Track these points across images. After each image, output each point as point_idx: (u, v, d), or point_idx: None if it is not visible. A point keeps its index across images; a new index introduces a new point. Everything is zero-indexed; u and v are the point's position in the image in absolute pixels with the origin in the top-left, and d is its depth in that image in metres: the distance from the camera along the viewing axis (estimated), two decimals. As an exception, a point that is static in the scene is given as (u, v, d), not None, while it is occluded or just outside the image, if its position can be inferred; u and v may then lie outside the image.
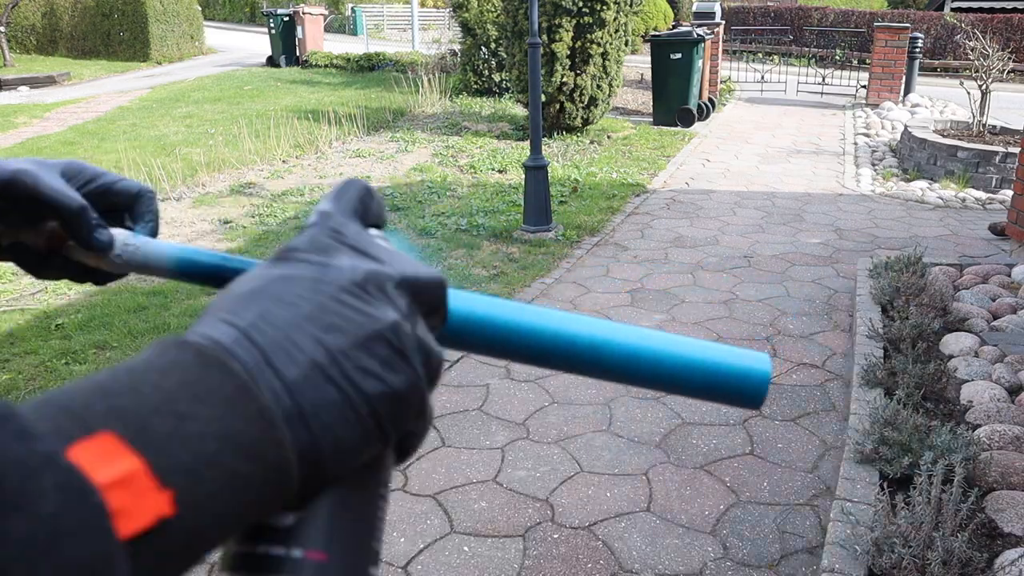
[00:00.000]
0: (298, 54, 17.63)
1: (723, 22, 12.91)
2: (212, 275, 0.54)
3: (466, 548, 2.49)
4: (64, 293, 4.71)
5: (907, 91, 11.65)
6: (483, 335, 0.41)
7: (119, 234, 0.58)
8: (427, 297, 0.34)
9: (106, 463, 0.24)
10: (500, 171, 7.79)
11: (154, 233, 0.61)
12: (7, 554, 0.21)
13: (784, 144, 9.26)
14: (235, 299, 0.31)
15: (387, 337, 0.31)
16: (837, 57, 14.24)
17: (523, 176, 5.73)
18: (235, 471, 0.26)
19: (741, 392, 0.42)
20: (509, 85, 10.79)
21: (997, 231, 5.61)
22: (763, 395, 0.42)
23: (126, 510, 0.23)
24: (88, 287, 4.77)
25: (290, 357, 0.29)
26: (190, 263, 0.55)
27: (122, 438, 0.24)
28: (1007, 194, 6.56)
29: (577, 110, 9.04)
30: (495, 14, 11.22)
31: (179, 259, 0.55)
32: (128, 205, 0.60)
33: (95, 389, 0.26)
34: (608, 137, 9.35)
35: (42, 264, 0.59)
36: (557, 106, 9.01)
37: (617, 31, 8.89)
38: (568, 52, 8.74)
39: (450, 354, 3.77)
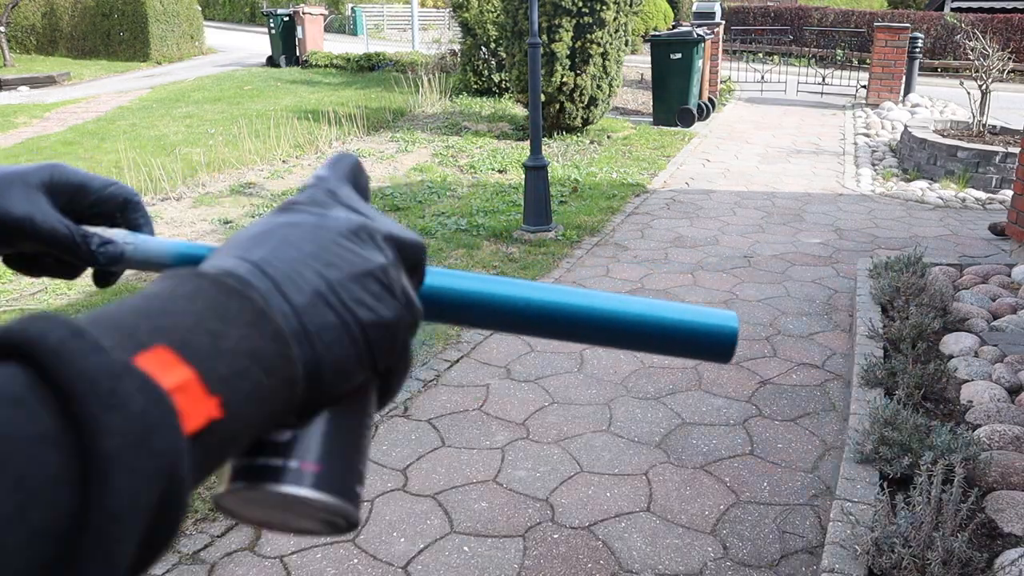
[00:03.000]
0: (298, 54, 17.63)
1: (723, 22, 12.91)
2: None
3: (466, 548, 2.49)
4: (64, 293, 4.71)
5: (907, 91, 11.65)
6: (465, 304, 0.46)
7: (120, 235, 0.58)
8: (409, 254, 0.39)
9: (166, 372, 0.28)
10: (500, 171, 7.79)
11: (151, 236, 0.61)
12: (113, 444, 0.25)
13: (784, 144, 9.26)
14: (245, 240, 0.35)
15: (377, 275, 0.35)
16: (837, 57, 14.24)
17: (523, 176, 5.73)
18: (260, 383, 0.30)
19: (712, 346, 0.46)
20: (509, 85, 10.79)
21: (997, 231, 5.61)
22: (732, 348, 0.46)
23: (185, 412, 0.27)
24: (87, 287, 4.77)
25: (296, 286, 0.33)
26: (188, 258, 0.56)
27: (174, 351, 0.28)
28: (1007, 194, 6.56)
29: (577, 110, 9.04)
30: (495, 14, 11.22)
31: (178, 254, 0.57)
32: (116, 213, 0.60)
33: (134, 311, 0.29)
34: (608, 137, 9.35)
35: (31, 268, 0.59)
36: (557, 106, 9.01)
37: (617, 31, 8.89)
38: (568, 52, 8.74)
39: (450, 355, 3.78)
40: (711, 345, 0.46)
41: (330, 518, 0.34)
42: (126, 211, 0.60)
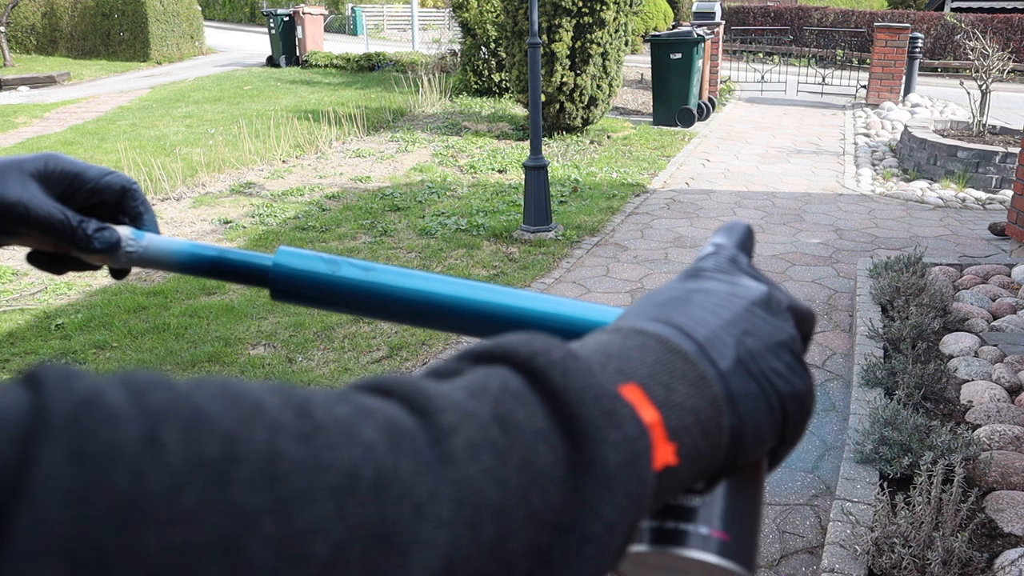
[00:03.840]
0: (298, 54, 17.62)
1: (723, 22, 12.91)
2: (215, 268, 0.57)
3: (466, 548, 2.49)
4: (64, 293, 4.71)
5: (907, 91, 11.65)
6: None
7: (124, 232, 0.58)
8: (805, 324, 0.39)
9: (641, 408, 0.29)
10: (500, 171, 7.79)
11: (154, 225, 0.62)
12: (612, 458, 0.26)
13: (784, 144, 9.26)
14: (660, 304, 0.36)
15: (791, 346, 0.35)
16: (837, 57, 14.24)
17: (523, 176, 5.73)
18: (697, 443, 0.30)
19: None
20: (509, 85, 10.79)
21: (997, 231, 5.61)
22: None
23: (656, 447, 0.28)
24: (87, 287, 4.77)
25: (720, 352, 0.33)
26: (195, 257, 0.57)
27: (644, 391, 0.29)
28: (1007, 194, 6.56)
29: (577, 110, 9.04)
30: (495, 14, 11.22)
31: (185, 254, 0.57)
32: (115, 203, 0.60)
33: (598, 351, 0.31)
34: (608, 137, 9.35)
35: (55, 265, 0.59)
36: (557, 106, 9.01)
37: (617, 31, 8.89)
38: (568, 52, 8.74)
39: (449, 355, 3.78)
40: None
41: None
42: (124, 199, 0.60)
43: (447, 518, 0.23)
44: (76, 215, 0.56)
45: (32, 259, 0.59)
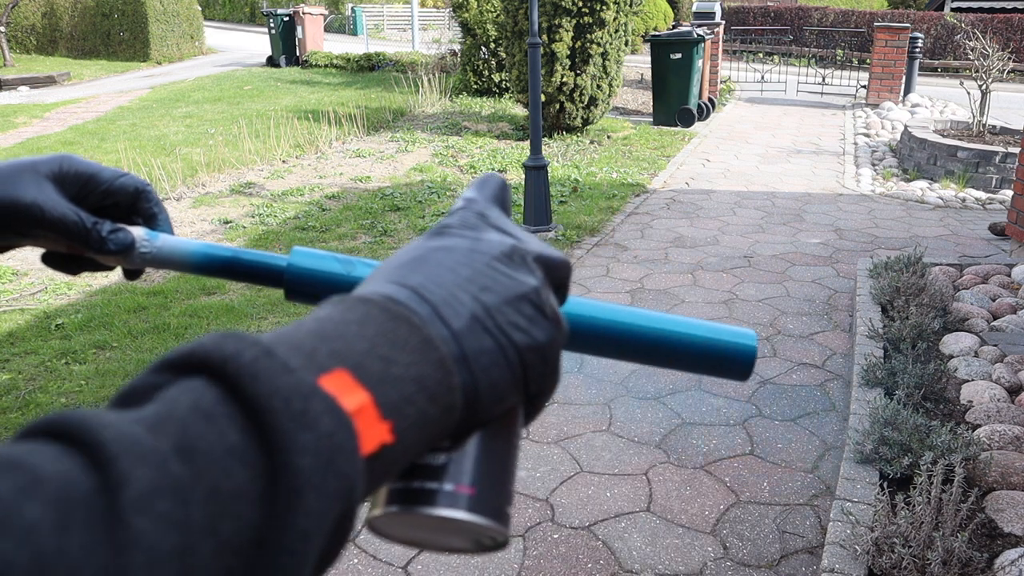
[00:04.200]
0: (298, 54, 17.63)
1: (723, 22, 12.91)
2: (229, 268, 0.58)
3: (466, 548, 2.49)
4: (64, 293, 4.71)
5: (907, 91, 11.65)
6: None
7: (138, 233, 0.59)
8: (556, 274, 0.39)
9: (346, 395, 0.28)
10: (500, 171, 7.79)
11: (168, 225, 0.62)
12: (306, 463, 0.26)
13: (784, 144, 9.26)
14: (400, 265, 0.36)
15: (531, 298, 0.35)
16: (837, 57, 14.24)
17: (523, 176, 5.73)
18: (425, 410, 0.30)
19: (730, 364, 0.46)
20: (509, 85, 10.79)
21: (997, 231, 5.61)
22: (750, 367, 0.46)
23: (363, 435, 0.28)
24: (87, 287, 4.77)
25: (455, 311, 0.33)
26: (209, 258, 0.57)
27: (352, 375, 0.29)
28: (1007, 194, 6.56)
29: (577, 110, 9.04)
30: (495, 14, 11.22)
31: (199, 254, 0.58)
32: (129, 204, 0.60)
33: (311, 334, 0.30)
34: (608, 137, 9.35)
35: (70, 266, 0.60)
36: (557, 106, 9.01)
37: (617, 31, 8.89)
38: (568, 52, 8.74)
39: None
40: (729, 363, 0.46)
41: (480, 538, 0.35)
42: (138, 200, 0.60)
43: None
44: (91, 217, 0.56)
45: (47, 260, 0.59)
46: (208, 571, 0.23)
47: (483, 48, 11.88)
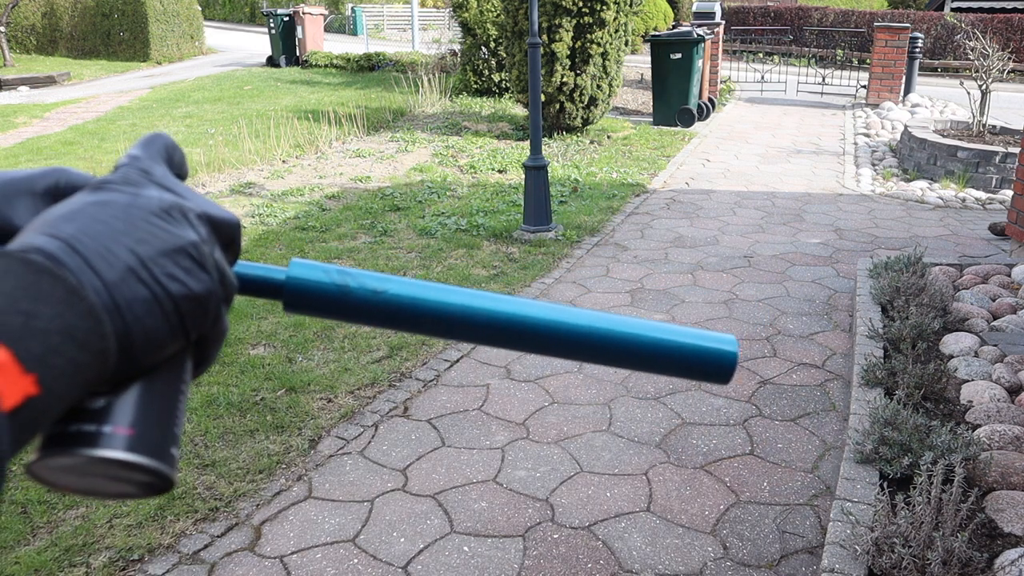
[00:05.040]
0: (298, 54, 17.63)
1: (723, 22, 12.92)
2: None
3: (466, 548, 2.49)
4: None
5: (907, 91, 11.65)
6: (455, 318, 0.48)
7: None
8: (224, 231, 0.40)
9: None
10: (500, 171, 7.79)
11: None
12: None
13: (784, 144, 9.26)
14: (55, 218, 0.36)
15: (188, 251, 0.37)
16: (837, 57, 14.24)
17: (523, 176, 5.73)
18: (74, 358, 0.31)
19: (710, 370, 0.47)
20: (509, 85, 10.79)
21: (997, 231, 5.61)
22: (730, 372, 0.46)
23: (2, 391, 0.28)
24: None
25: (107, 262, 0.34)
26: None
27: None
28: (1007, 194, 6.56)
29: (577, 110, 9.04)
30: (495, 14, 11.22)
31: None
32: None
33: None
34: (608, 137, 9.35)
35: None
36: (557, 106, 9.01)
37: (617, 31, 8.89)
38: (568, 52, 8.74)
39: (450, 355, 3.78)
40: (709, 368, 0.47)
41: (146, 480, 0.36)
42: None
43: None
44: None
45: None
46: None
47: (483, 48, 11.87)
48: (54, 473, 0.35)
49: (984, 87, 7.72)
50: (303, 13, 17.55)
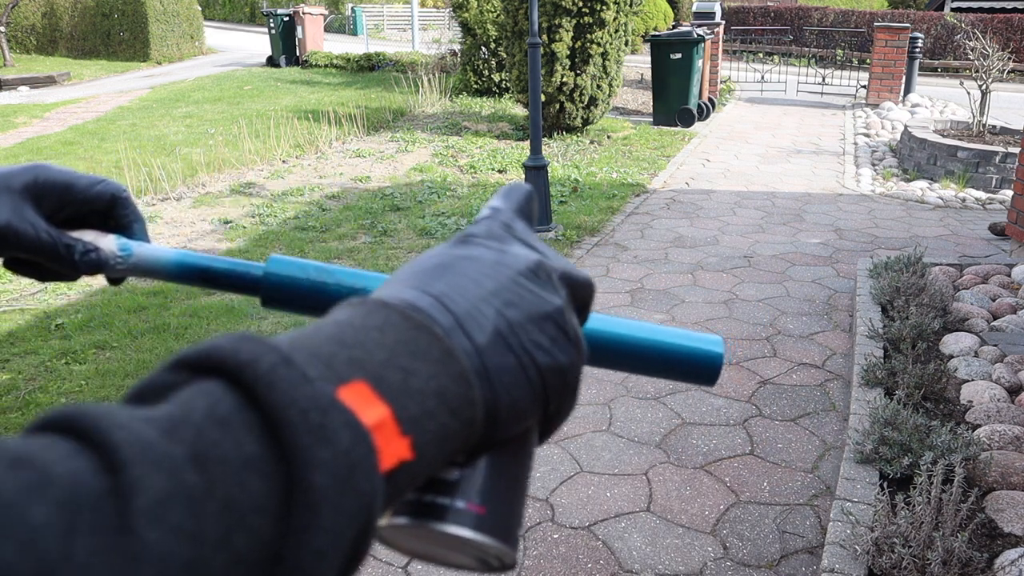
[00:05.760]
0: (298, 54, 17.63)
1: (723, 22, 12.92)
2: (205, 276, 0.58)
3: (466, 548, 2.49)
4: (64, 293, 4.71)
5: (907, 91, 11.65)
6: None
7: (111, 249, 0.58)
8: (581, 293, 0.38)
9: (365, 408, 0.27)
10: (500, 171, 7.79)
11: (144, 233, 0.62)
12: (323, 480, 0.25)
13: (784, 144, 9.26)
14: (423, 271, 0.35)
15: (555, 318, 0.34)
16: (837, 57, 14.24)
17: (523, 176, 5.73)
18: (445, 424, 0.29)
19: (696, 371, 0.46)
20: (509, 85, 10.79)
21: (997, 231, 5.61)
22: (716, 373, 0.46)
23: (382, 451, 0.27)
24: (87, 287, 4.77)
25: (478, 325, 0.32)
26: (183, 267, 0.58)
27: (371, 386, 0.28)
28: (1007, 194, 6.56)
29: (577, 110, 9.04)
30: (495, 14, 11.22)
31: (174, 264, 0.59)
32: (106, 211, 0.60)
33: (330, 340, 0.29)
34: (608, 137, 9.35)
35: (45, 275, 0.59)
36: (557, 106, 9.01)
37: (617, 31, 8.89)
38: (568, 52, 8.74)
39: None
40: (695, 370, 0.46)
41: (486, 558, 0.34)
42: (114, 208, 0.60)
43: None
44: (64, 238, 0.56)
45: (8, 265, 0.58)
46: None
47: (483, 48, 11.88)
48: (399, 538, 0.34)
49: (984, 87, 7.72)
50: (303, 13, 17.55)
